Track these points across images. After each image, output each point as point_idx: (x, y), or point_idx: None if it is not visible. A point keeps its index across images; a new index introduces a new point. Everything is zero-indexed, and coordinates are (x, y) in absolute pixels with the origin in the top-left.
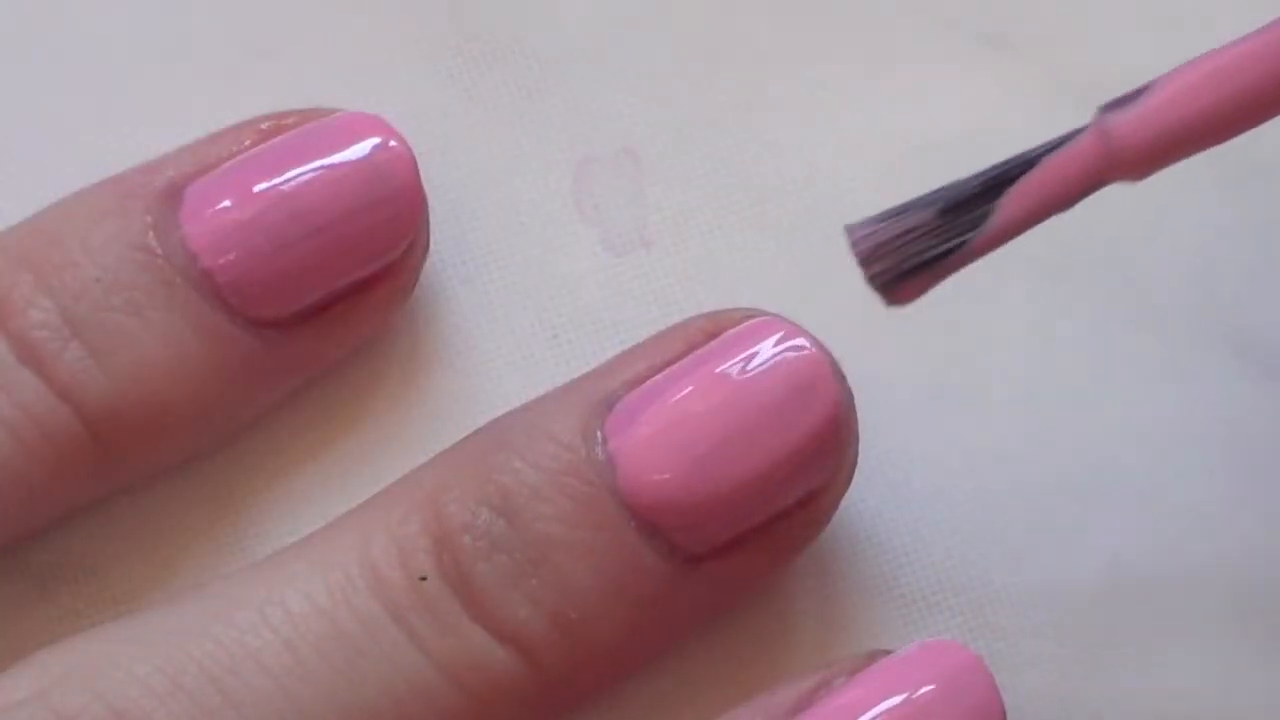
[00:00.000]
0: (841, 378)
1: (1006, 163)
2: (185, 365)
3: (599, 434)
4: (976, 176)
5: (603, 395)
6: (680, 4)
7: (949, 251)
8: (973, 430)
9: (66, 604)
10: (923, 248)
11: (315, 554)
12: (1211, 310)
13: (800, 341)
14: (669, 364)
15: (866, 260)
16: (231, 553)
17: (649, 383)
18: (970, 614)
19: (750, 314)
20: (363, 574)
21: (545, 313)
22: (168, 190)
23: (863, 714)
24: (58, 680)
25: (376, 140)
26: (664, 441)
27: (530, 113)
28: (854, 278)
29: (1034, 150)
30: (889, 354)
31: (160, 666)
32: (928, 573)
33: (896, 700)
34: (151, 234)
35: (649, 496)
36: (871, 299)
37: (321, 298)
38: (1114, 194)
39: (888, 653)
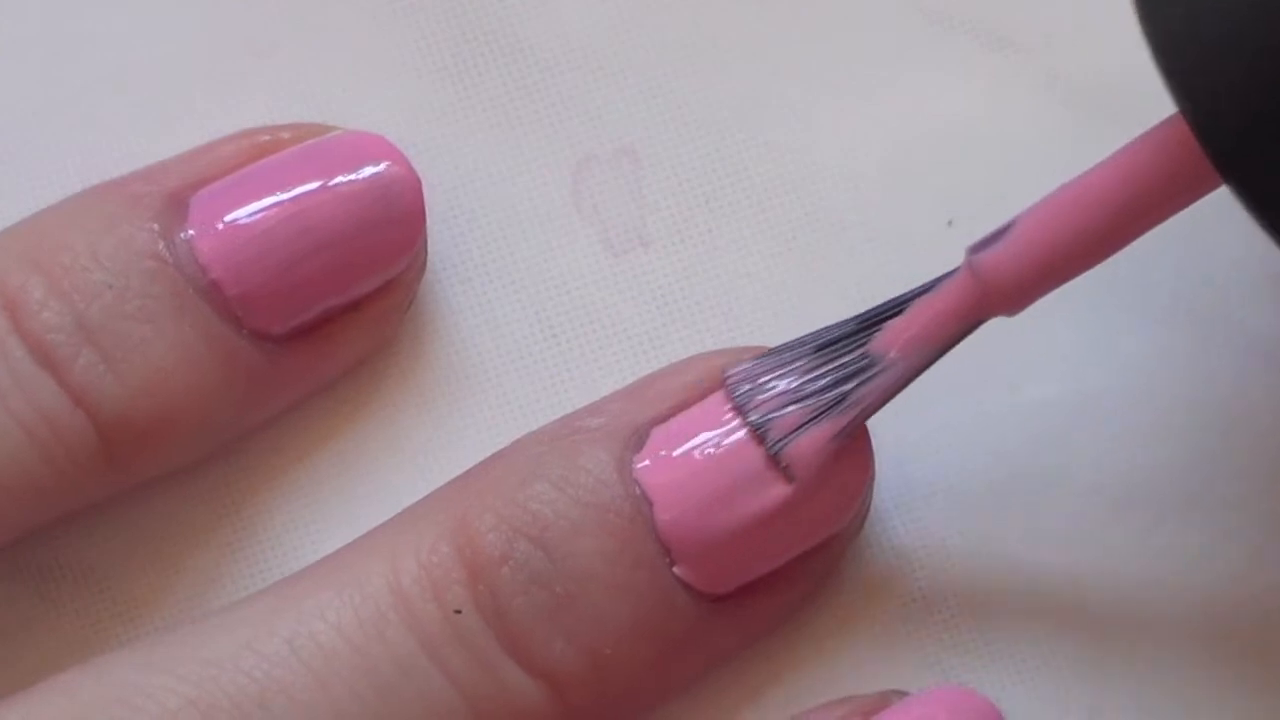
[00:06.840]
0: None
1: (880, 305)
2: (197, 376)
3: (631, 470)
4: (850, 319)
5: (632, 429)
6: (680, 4)
7: (839, 400)
8: (973, 430)
9: (66, 604)
10: (809, 391)
11: (344, 579)
12: (1214, 311)
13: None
14: (694, 402)
15: (755, 414)
16: (232, 553)
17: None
18: (970, 615)
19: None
20: (395, 606)
21: (544, 312)
22: (172, 198)
23: None
24: (87, 708)
25: (385, 162)
26: (686, 482)
27: (530, 113)
28: (854, 278)
29: (907, 293)
30: None
31: (192, 700)
32: (928, 572)
33: None
34: (161, 243)
35: (687, 533)
36: (871, 299)
37: (320, 314)
38: None
39: (902, 694)
